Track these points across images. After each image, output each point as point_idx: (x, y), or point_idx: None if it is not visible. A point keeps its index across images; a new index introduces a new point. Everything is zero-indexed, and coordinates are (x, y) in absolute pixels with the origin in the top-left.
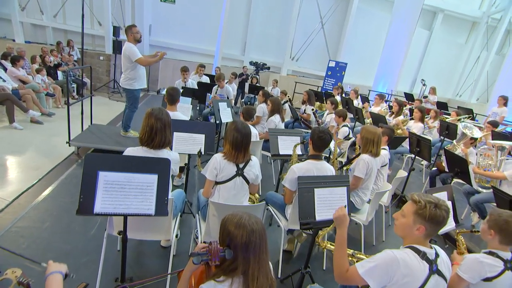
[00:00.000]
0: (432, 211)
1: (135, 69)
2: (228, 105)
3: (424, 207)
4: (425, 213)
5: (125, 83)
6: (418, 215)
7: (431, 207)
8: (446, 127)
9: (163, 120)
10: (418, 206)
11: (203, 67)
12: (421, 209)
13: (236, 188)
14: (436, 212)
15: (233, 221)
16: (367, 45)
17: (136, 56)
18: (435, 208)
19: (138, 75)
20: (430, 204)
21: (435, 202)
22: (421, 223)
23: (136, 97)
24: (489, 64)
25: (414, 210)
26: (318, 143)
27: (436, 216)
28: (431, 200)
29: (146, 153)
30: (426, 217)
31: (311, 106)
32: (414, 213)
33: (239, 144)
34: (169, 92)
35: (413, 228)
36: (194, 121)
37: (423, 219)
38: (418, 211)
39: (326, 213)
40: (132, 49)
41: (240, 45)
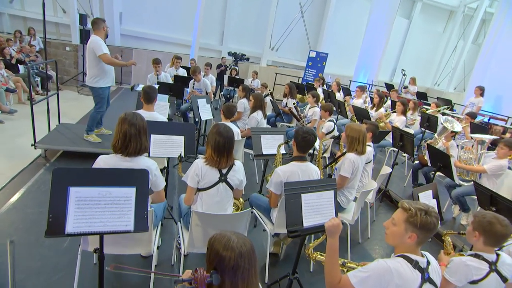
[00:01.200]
0: (423, 219)
1: (99, 64)
2: (207, 101)
3: (415, 215)
4: (416, 220)
5: (89, 80)
6: (410, 223)
7: (422, 214)
8: (427, 119)
9: (137, 125)
10: (409, 214)
11: (180, 59)
12: (412, 217)
13: (220, 195)
14: (427, 219)
15: (221, 242)
16: (348, 34)
17: (101, 51)
18: (426, 215)
19: (104, 72)
20: (421, 211)
21: (425, 209)
22: (412, 231)
23: (102, 97)
24: (465, 54)
25: (405, 218)
26: (302, 144)
27: (427, 223)
28: (421, 207)
29: (121, 161)
30: (417, 225)
31: (293, 99)
32: (405, 221)
33: (222, 148)
34: (146, 91)
35: (405, 236)
36: (172, 122)
37: (415, 227)
38: (409, 219)
39: (313, 218)
40: (98, 43)
41: (217, 34)
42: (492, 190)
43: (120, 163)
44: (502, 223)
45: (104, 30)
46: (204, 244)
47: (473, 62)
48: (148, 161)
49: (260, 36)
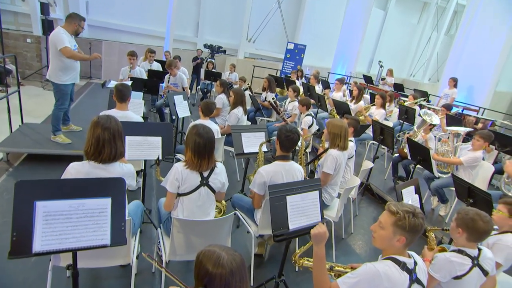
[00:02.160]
0: (411, 221)
1: (61, 58)
2: (184, 97)
3: (404, 218)
4: (405, 224)
5: (51, 75)
6: (398, 227)
7: (410, 217)
8: (405, 111)
9: (111, 129)
10: (397, 217)
11: (153, 53)
12: (401, 220)
13: (201, 199)
14: (415, 221)
15: (210, 259)
16: (325, 25)
17: (62, 44)
18: (414, 218)
19: (67, 67)
20: (408, 214)
21: (412, 211)
22: (401, 234)
23: (63, 93)
24: (439, 45)
25: (393, 221)
26: (286, 143)
27: (415, 225)
28: (409, 210)
29: (94, 169)
30: (406, 228)
31: (272, 93)
32: (393, 224)
33: (202, 150)
34: (119, 89)
35: (393, 240)
36: (148, 123)
37: (403, 230)
38: (397, 223)
39: (299, 220)
40: (60, 36)
41: (192, 26)
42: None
43: (93, 171)
44: (484, 220)
45: (74, 27)
46: (186, 252)
47: (446, 53)
48: (125, 168)
49: (236, 27)
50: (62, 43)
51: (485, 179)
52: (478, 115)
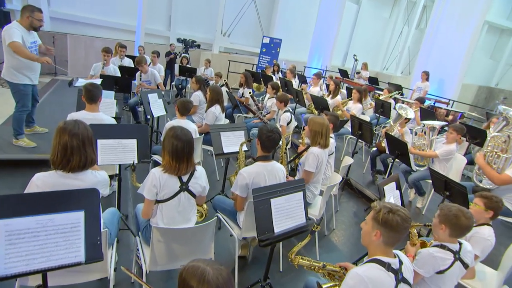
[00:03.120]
0: (384, 215)
1: (15, 55)
2: (159, 95)
3: (379, 211)
4: (379, 217)
5: (5, 72)
6: (374, 220)
7: (384, 211)
8: (381, 105)
9: (80, 136)
10: (374, 211)
11: (124, 48)
12: (376, 213)
13: (182, 205)
14: (389, 216)
15: (195, 275)
16: (300, 19)
17: (10, 39)
18: (389, 213)
19: (22, 66)
20: (385, 208)
21: (390, 207)
22: (377, 228)
23: (23, 94)
24: (410, 39)
25: (372, 215)
26: (267, 143)
27: (388, 220)
28: (387, 206)
29: (63, 179)
30: (379, 221)
31: (249, 89)
32: (372, 218)
33: (181, 153)
34: (88, 89)
35: (371, 234)
36: (122, 124)
37: (378, 223)
38: (374, 216)
39: (284, 223)
40: (10, 30)
41: (164, 19)
42: (443, 173)
43: (62, 181)
44: (466, 216)
45: (27, 19)
46: (168, 261)
47: (417, 46)
48: (98, 176)
49: (210, 21)
50: (10, 37)
51: (458, 171)
52: (448, 107)
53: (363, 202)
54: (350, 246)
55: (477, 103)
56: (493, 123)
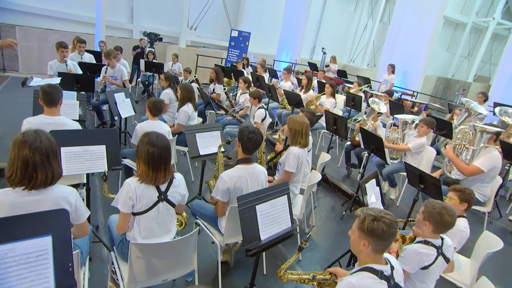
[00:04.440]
0: (369, 224)
1: None
2: (126, 95)
3: (363, 221)
4: (364, 226)
5: None
6: (360, 230)
7: (369, 220)
8: (352, 98)
9: (43, 149)
10: (359, 220)
11: (83, 43)
12: (361, 223)
13: (161, 216)
14: (374, 225)
15: None
16: (268, 12)
17: None
18: (373, 221)
19: None
20: (369, 217)
21: (374, 214)
22: (364, 237)
23: None
24: (375, 32)
25: (357, 225)
26: (248, 145)
27: (374, 229)
28: (371, 213)
29: (24, 197)
30: (365, 231)
31: (220, 84)
32: (358, 228)
33: (157, 161)
34: (47, 91)
35: (360, 244)
36: (88, 130)
37: (364, 233)
38: (359, 226)
39: (270, 229)
40: None
41: (126, 10)
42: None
43: (23, 200)
44: (450, 213)
45: None
46: (148, 277)
47: (381, 39)
48: (64, 190)
49: (176, 13)
50: None
51: (429, 162)
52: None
53: (340, 197)
54: (330, 242)
55: (436, 93)
56: (456, 115)
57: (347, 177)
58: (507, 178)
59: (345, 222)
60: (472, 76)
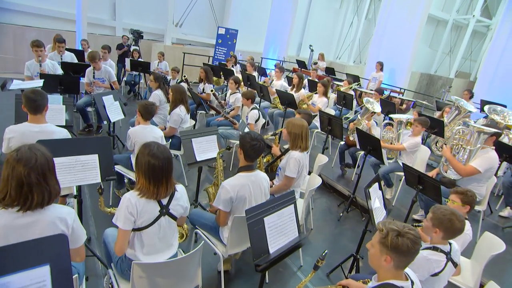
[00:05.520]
0: (393, 240)
1: None
2: (115, 97)
3: (386, 236)
4: (387, 242)
5: None
6: (382, 245)
7: (393, 235)
8: (343, 97)
9: (38, 168)
10: (381, 234)
11: (63, 43)
12: (384, 238)
13: (163, 231)
14: (398, 240)
15: None
16: (255, 9)
17: None
18: (397, 237)
19: None
20: (393, 232)
21: (398, 229)
22: (386, 253)
23: None
24: (360, 29)
25: (378, 239)
26: (251, 152)
27: (398, 245)
28: (395, 228)
29: (18, 219)
30: (389, 246)
31: (210, 84)
32: (379, 242)
33: (159, 174)
34: (30, 98)
35: (381, 259)
36: (79, 139)
37: (387, 248)
38: (381, 240)
39: (278, 241)
40: None
41: (108, 6)
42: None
43: (17, 222)
44: (459, 219)
45: None
46: None
47: (367, 36)
48: (62, 211)
49: (160, 9)
50: None
51: (423, 161)
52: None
53: (335, 197)
54: (329, 245)
55: (419, 89)
56: (446, 113)
57: (342, 177)
58: (496, 175)
59: (342, 223)
60: (454, 72)
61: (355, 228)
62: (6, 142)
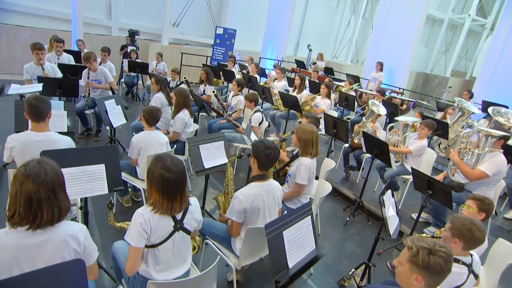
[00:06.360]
0: (425, 259)
1: None
2: (117, 101)
3: (417, 254)
4: (418, 260)
5: None
6: (412, 263)
7: (424, 253)
8: (344, 98)
9: (48, 183)
10: (411, 253)
11: (61, 43)
12: (414, 256)
13: (177, 246)
14: (430, 259)
15: None
16: (252, 8)
17: None
18: (429, 255)
19: None
20: (424, 250)
21: (429, 247)
22: (417, 272)
23: None
24: (358, 28)
25: (408, 257)
26: (265, 162)
27: (430, 264)
28: (425, 246)
29: (27, 238)
30: (420, 265)
31: (210, 86)
32: (408, 260)
33: (173, 189)
34: (33, 105)
35: (411, 278)
36: (84, 148)
37: (418, 267)
38: (411, 259)
39: (297, 255)
40: None
41: (103, 5)
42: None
43: (27, 241)
44: (479, 229)
45: None
46: None
47: (364, 35)
48: (73, 228)
49: (157, 9)
50: None
51: (429, 164)
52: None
53: (340, 201)
54: (338, 251)
55: (416, 88)
56: (449, 114)
57: (346, 180)
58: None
59: (348, 228)
60: (450, 71)
61: (362, 233)
62: (8, 151)
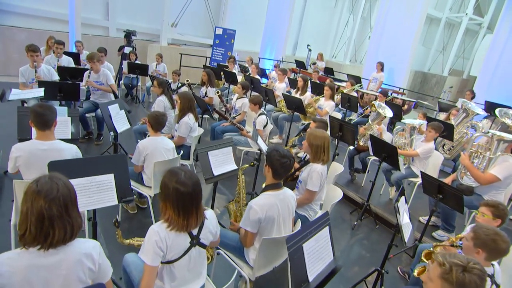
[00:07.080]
0: (459, 277)
1: None
2: (120, 106)
3: (450, 271)
4: (452, 278)
5: None
6: (445, 280)
7: (458, 271)
8: (347, 99)
9: (60, 199)
10: (443, 270)
11: (62, 45)
12: (447, 274)
13: (193, 261)
14: (465, 277)
15: None
16: (251, 8)
17: None
18: (464, 273)
19: None
20: (457, 267)
21: (463, 264)
22: None
23: None
24: (356, 27)
25: (439, 274)
26: (280, 171)
27: (465, 282)
28: (459, 262)
29: (40, 258)
30: (454, 283)
31: (213, 88)
32: (440, 277)
33: (188, 204)
34: (39, 113)
35: None
36: (92, 158)
37: (451, 285)
38: (444, 276)
39: (316, 267)
40: None
41: (100, 5)
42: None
43: (40, 262)
44: (504, 239)
45: None
46: None
47: (363, 35)
48: (87, 245)
49: (155, 9)
50: None
51: (436, 167)
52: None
53: (346, 204)
54: (347, 256)
55: (413, 87)
56: (453, 115)
57: (351, 183)
58: None
59: (356, 232)
60: (447, 70)
61: (370, 237)
62: (13, 161)
